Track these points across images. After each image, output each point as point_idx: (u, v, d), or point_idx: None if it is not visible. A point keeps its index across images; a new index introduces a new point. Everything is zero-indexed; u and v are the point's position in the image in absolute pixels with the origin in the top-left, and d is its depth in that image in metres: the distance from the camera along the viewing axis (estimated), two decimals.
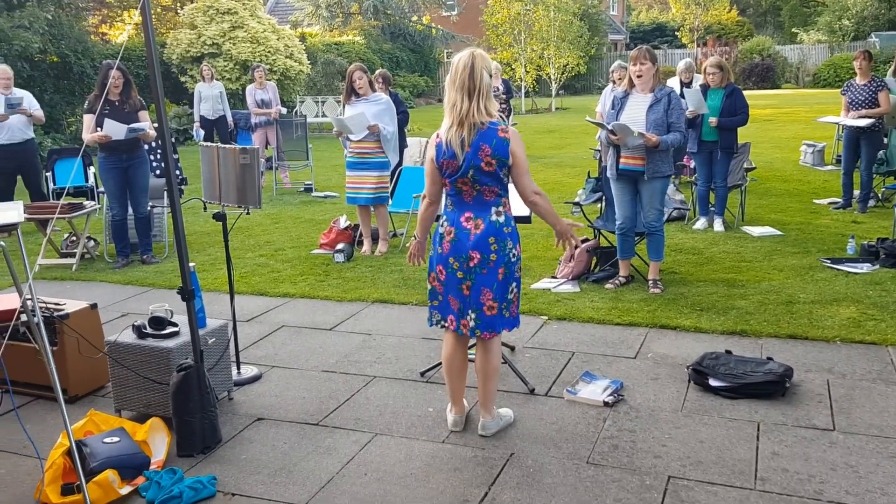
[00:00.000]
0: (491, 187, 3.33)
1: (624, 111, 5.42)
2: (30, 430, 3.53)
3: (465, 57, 3.26)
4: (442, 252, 3.42)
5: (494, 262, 3.34)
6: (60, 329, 4.00)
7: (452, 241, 3.38)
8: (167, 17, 24.08)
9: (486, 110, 3.27)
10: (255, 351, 4.75)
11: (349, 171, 6.95)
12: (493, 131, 3.27)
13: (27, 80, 14.66)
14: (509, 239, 3.37)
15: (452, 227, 3.39)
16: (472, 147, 3.26)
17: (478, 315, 3.38)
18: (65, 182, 8.85)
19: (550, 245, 7.05)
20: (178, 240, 3.53)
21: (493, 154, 3.25)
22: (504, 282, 3.38)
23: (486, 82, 3.24)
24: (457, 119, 3.27)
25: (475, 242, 3.33)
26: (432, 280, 3.52)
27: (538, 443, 3.48)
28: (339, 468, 3.33)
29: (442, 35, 31.03)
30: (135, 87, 6.83)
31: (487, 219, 3.34)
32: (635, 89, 5.44)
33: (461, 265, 3.37)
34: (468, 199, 3.37)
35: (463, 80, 3.24)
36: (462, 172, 3.30)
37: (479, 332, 3.42)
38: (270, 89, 11.33)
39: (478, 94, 3.23)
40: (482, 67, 3.23)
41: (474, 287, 3.37)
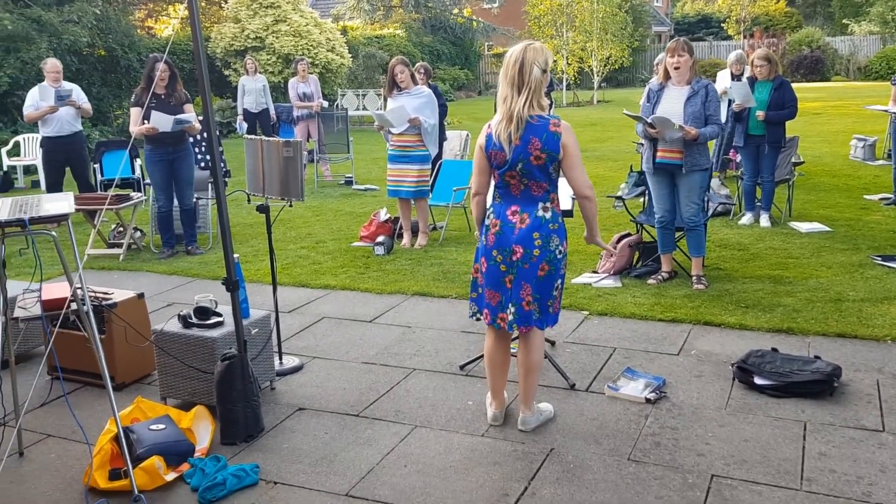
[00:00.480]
0: (539, 182, 3.31)
1: (660, 104, 5.34)
2: (79, 416, 3.62)
3: (517, 51, 3.24)
4: (486, 244, 3.42)
5: (537, 257, 3.32)
6: (109, 318, 4.09)
7: (497, 233, 3.37)
8: (212, 11, 24.39)
9: (536, 105, 3.25)
10: (296, 342, 4.80)
11: (390, 164, 6.97)
12: (545, 125, 3.25)
13: (76, 73, 14.99)
14: (555, 235, 3.35)
15: (498, 219, 3.39)
16: (522, 140, 3.24)
17: (516, 309, 3.38)
18: (112, 174, 9.04)
19: None
20: (223, 231, 3.58)
21: (543, 148, 3.23)
22: (548, 278, 3.35)
23: (536, 77, 3.21)
24: (506, 114, 3.26)
25: (519, 237, 3.32)
26: (475, 271, 3.52)
27: (578, 438, 3.46)
28: (379, 459, 3.35)
29: (483, 27, 30.91)
30: (180, 80, 6.93)
31: (533, 214, 3.32)
32: (671, 81, 5.36)
33: (504, 258, 3.36)
34: (516, 193, 3.36)
35: (513, 74, 3.22)
36: (510, 165, 3.28)
37: (516, 327, 3.41)
38: (312, 83, 11.42)
39: (527, 90, 3.21)
40: (532, 61, 3.20)
41: (516, 281, 3.36)
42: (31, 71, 13.49)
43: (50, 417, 3.88)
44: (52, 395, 4.10)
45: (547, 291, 3.38)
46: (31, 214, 3.05)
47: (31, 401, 3.95)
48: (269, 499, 3.09)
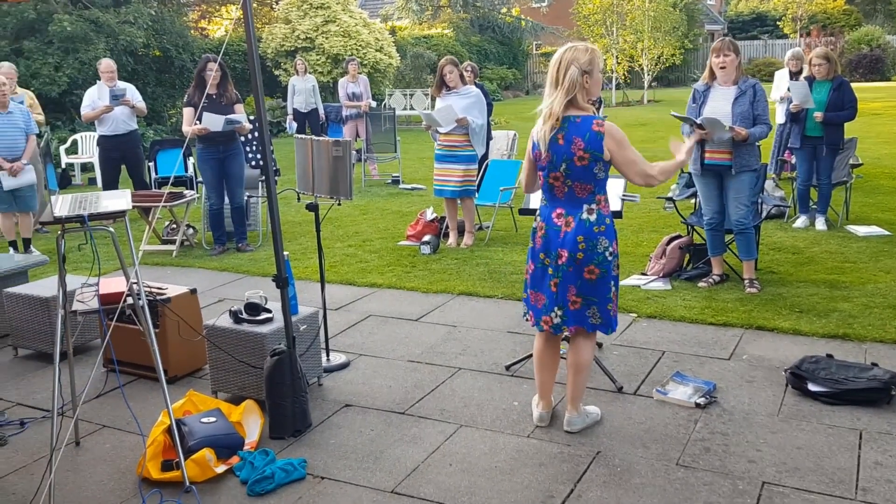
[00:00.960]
0: (583, 184, 3.28)
1: (707, 105, 5.24)
2: (133, 408, 3.72)
3: (559, 52, 3.26)
4: (535, 246, 3.42)
5: (581, 260, 3.30)
6: (163, 312, 4.19)
7: (543, 236, 3.37)
8: (263, 11, 24.79)
9: (575, 105, 3.23)
10: (343, 339, 4.85)
11: (437, 163, 6.98)
12: (588, 125, 3.22)
13: (131, 73, 15.36)
14: (602, 237, 3.31)
15: (544, 222, 3.38)
16: (566, 140, 3.23)
17: (564, 311, 3.35)
18: (166, 172, 9.24)
19: (640, 241, 6.90)
20: (274, 229, 3.63)
21: (586, 148, 3.21)
22: (601, 280, 3.32)
23: (572, 77, 3.18)
24: (545, 114, 3.26)
25: (564, 240, 3.31)
26: (527, 272, 3.52)
27: (626, 442, 3.42)
28: (425, 457, 3.36)
29: (531, 27, 30.77)
30: (231, 80, 7.06)
31: (578, 217, 3.30)
32: (716, 81, 5.26)
33: (551, 262, 3.35)
34: (560, 196, 3.34)
35: (552, 75, 3.24)
36: (554, 166, 3.27)
37: (565, 328, 3.39)
38: (362, 83, 11.52)
39: (563, 89, 3.20)
40: (571, 61, 3.19)
41: (562, 284, 3.34)
42: (89, 71, 13.88)
43: (105, 408, 3.99)
44: (107, 386, 4.21)
45: (604, 294, 3.34)
46: (90, 211, 3.13)
47: (88, 392, 4.06)
48: (316, 493, 3.12)
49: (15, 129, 6.99)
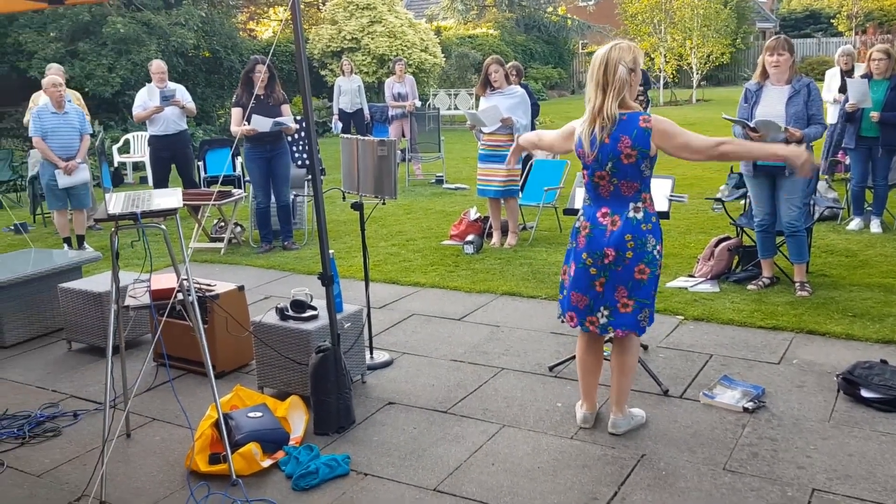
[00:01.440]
0: (630, 182, 3.24)
1: (759, 105, 5.12)
2: (182, 402, 3.80)
3: (602, 51, 3.20)
4: (577, 247, 3.37)
5: (630, 259, 3.26)
6: (211, 308, 4.27)
7: (588, 236, 3.32)
8: (310, 13, 25.07)
9: (623, 104, 3.20)
10: (386, 337, 4.88)
11: (480, 163, 6.98)
12: (634, 121, 3.18)
13: (181, 74, 15.68)
14: (650, 236, 3.27)
15: (588, 222, 3.34)
16: (612, 138, 3.19)
17: (612, 312, 3.32)
18: (215, 171, 9.42)
19: (688, 242, 6.80)
20: (319, 228, 3.67)
21: (633, 145, 3.17)
22: (650, 280, 3.29)
23: (621, 77, 3.15)
24: (590, 114, 3.23)
25: (611, 239, 3.26)
26: (564, 273, 3.49)
27: (671, 445, 3.37)
28: (467, 456, 3.36)
29: (577, 25, 30.53)
30: (278, 81, 7.15)
31: (624, 215, 3.26)
32: (769, 81, 5.14)
33: (595, 261, 3.31)
34: (605, 195, 3.30)
35: (598, 75, 3.18)
36: (600, 164, 3.24)
37: (611, 329, 3.35)
38: (408, 83, 11.57)
39: (612, 90, 3.16)
40: (617, 61, 3.15)
41: (608, 284, 3.30)
42: (141, 72, 14.21)
43: (155, 402, 4.08)
44: (157, 380, 4.31)
45: (647, 294, 3.31)
46: (142, 208, 3.21)
47: (139, 386, 4.16)
48: (359, 489, 3.15)
49: (70, 128, 7.19)
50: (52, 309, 5.19)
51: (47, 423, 3.87)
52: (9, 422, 3.89)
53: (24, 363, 4.76)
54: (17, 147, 12.69)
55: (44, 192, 7.55)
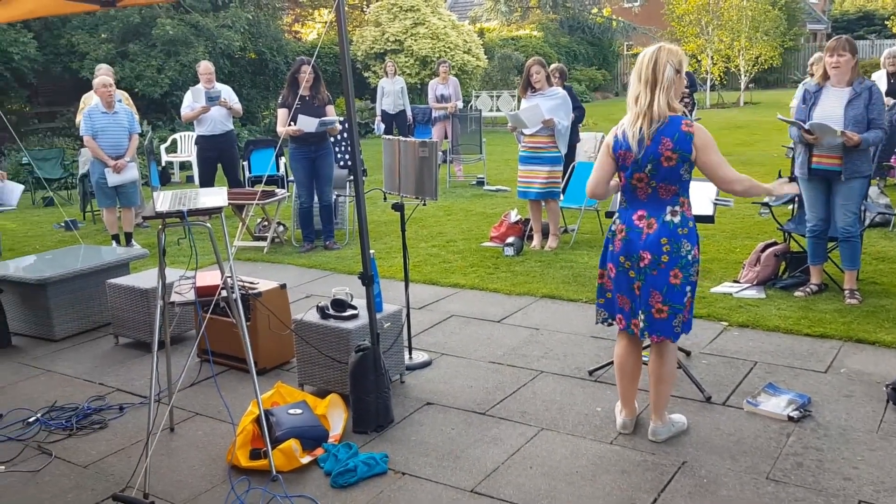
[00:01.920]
0: (668, 185, 3.21)
1: (818, 106, 4.99)
2: (224, 397, 3.86)
3: (651, 51, 3.20)
4: (613, 250, 3.36)
5: (666, 263, 3.22)
6: (254, 306, 4.33)
7: (624, 239, 3.30)
8: (354, 15, 25.31)
9: (669, 105, 3.17)
10: (425, 338, 4.89)
11: (521, 165, 6.96)
12: (677, 125, 3.16)
13: (228, 75, 15.94)
14: (685, 240, 3.23)
15: (624, 224, 3.32)
16: (653, 141, 3.17)
17: (646, 317, 3.29)
18: (259, 171, 9.54)
19: (733, 247, 6.68)
20: (361, 228, 3.69)
21: (674, 148, 3.14)
22: (678, 285, 3.24)
23: (669, 76, 3.14)
24: (638, 113, 3.20)
25: (647, 242, 3.24)
26: (601, 276, 3.47)
27: (713, 453, 3.32)
28: (505, 459, 3.35)
29: (622, 27, 30.27)
30: (323, 82, 7.22)
31: (661, 218, 3.23)
32: (829, 82, 5.01)
33: (632, 265, 3.29)
34: (642, 197, 3.28)
35: (647, 74, 3.17)
36: (639, 166, 3.21)
37: (647, 335, 3.32)
38: (452, 85, 11.60)
39: (660, 88, 3.15)
40: (667, 61, 3.14)
41: (644, 288, 3.27)
42: (189, 73, 14.49)
43: (199, 397, 4.15)
44: (201, 376, 4.38)
45: (681, 300, 3.27)
46: (189, 207, 3.27)
47: (183, 381, 4.23)
48: (396, 488, 3.16)
49: (120, 128, 7.36)
50: (101, 304, 5.32)
51: (94, 416, 3.96)
52: (58, 413, 4.00)
53: (72, 357, 4.88)
54: (68, 146, 13.03)
55: (94, 189, 7.74)
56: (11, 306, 5.20)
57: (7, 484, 3.33)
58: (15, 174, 11.89)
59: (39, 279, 5.04)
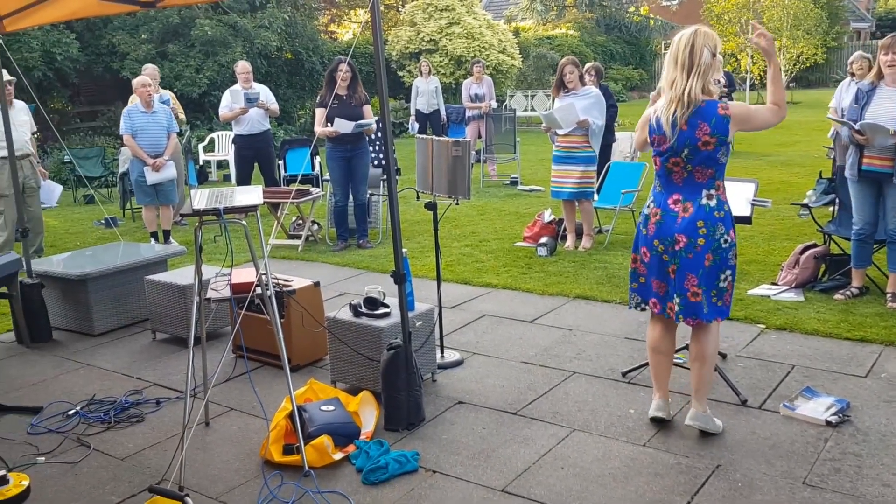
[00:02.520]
0: (704, 169, 3.20)
1: (870, 106, 4.87)
2: (258, 393, 3.90)
3: (687, 33, 3.19)
4: (647, 234, 3.35)
5: (702, 246, 3.21)
6: (288, 303, 4.37)
7: (658, 223, 3.30)
8: (389, 15, 25.40)
9: (705, 88, 3.15)
10: (457, 337, 4.89)
11: (555, 164, 6.92)
12: (713, 108, 3.15)
13: (265, 75, 16.10)
14: (721, 223, 3.22)
15: (659, 208, 3.31)
16: (690, 125, 3.16)
17: (681, 300, 3.28)
18: (294, 170, 9.63)
19: (772, 249, 6.58)
20: (394, 227, 3.71)
21: (712, 132, 3.14)
22: (713, 268, 3.24)
23: (706, 60, 3.14)
24: (674, 96, 3.18)
25: (682, 226, 3.23)
26: (635, 261, 3.45)
27: (748, 457, 3.27)
28: (536, 459, 3.34)
29: (660, 25, 29.91)
30: (361, 81, 7.26)
31: (697, 202, 3.23)
32: (884, 81, 4.88)
33: (666, 248, 3.28)
34: (678, 181, 3.27)
35: (683, 57, 3.16)
36: (675, 151, 3.20)
37: (682, 318, 3.31)
38: (486, 84, 11.58)
39: (696, 72, 3.14)
40: (703, 45, 3.13)
41: (679, 271, 3.27)
42: (227, 73, 14.67)
43: (233, 392, 4.20)
44: (235, 371, 4.44)
45: (712, 282, 3.25)
46: (225, 205, 3.31)
47: (218, 376, 4.29)
48: (427, 486, 3.17)
49: (158, 127, 7.48)
50: (139, 300, 5.41)
51: (132, 410, 4.03)
52: (96, 407, 4.08)
53: (111, 351, 4.98)
54: (109, 145, 13.28)
55: (133, 188, 7.88)
56: (53, 301, 5.32)
57: (47, 475, 3.41)
58: (57, 172, 12.17)
59: (80, 275, 5.15)
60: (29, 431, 3.84)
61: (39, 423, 3.92)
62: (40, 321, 5.18)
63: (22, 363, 4.84)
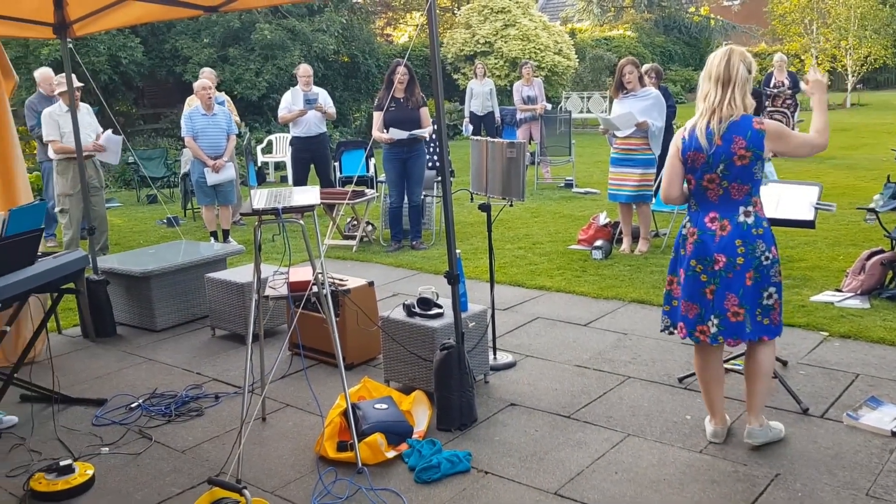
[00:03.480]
0: (740, 185, 3.14)
1: None
2: (313, 390, 3.96)
3: (721, 52, 3.20)
4: (685, 254, 3.28)
5: (741, 265, 3.14)
6: (343, 302, 4.42)
7: (696, 242, 3.23)
8: (445, 17, 25.47)
9: (742, 103, 3.11)
10: (510, 339, 4.88)
11: (612, 167, 6.85)
12: (748, 122, 3.11)
13: (322, 78, 16.32)
14: (760, 241, 3.15)
15: (696, 227, 3.25)
16: (725, 140, 3.11)
17: (721, 321, 3.19)
18: (349, 171, 9.75)
19: (836, 255, 6.38)
20: (448, 227, 3.72)
21: (748, 146, 3.08)
22: (755, 286, 3.16)
23: (742, 75, 3.11)
24: (708, 109, 3.16)
25: (720, 245, 3.16)
26: (670, 283, 3.40)
27: (809, 466, 3.18)
28: (589, 463, 3.31)
29: (721, 26, 29.29)
30: (418, 83, 7.30)
31: (734, 220, 3.16)
32: None
33: (705, 268, 3.21)
34: (713, 199, 3.20)
35: (718, 71, 3.14)
36: (710, 167, 3.14)
37: (721, 339, 3.22)
38: (537, 86, 11.53)
39: (732, 86, 3.11)
40: (740, 60, 3.12)
41: (718, 291, 3.19)
42: (285, 76, 14.93)
43: (289, 389, 4.27)
44: (291, 368, 4.51)
45: (755, 301, 3.17)
46: (283, 204, 3.38)
47: (275, 373, 4.37)
48: (479, 487, 3.17)
49: (218, 129, 7.66)
50: (199, 297, 5.55)
51: (191, 404, 4.14)
52: (158, 400, 4.20)
53: (172, 347, 5.12)
54: (171, 146, 13.64)
55: (194, 188, 8.08)
56: (117, 297, 5.49)
57: (111, 465, 3.52)
58: (121, 173, 12.56)
59: (143, 272, 5.31)
60: (94, 423, 3.97)
61: (103, 414, 4.06)
62: (105, 316, 5.35)
63: (87, 357, 5.01)
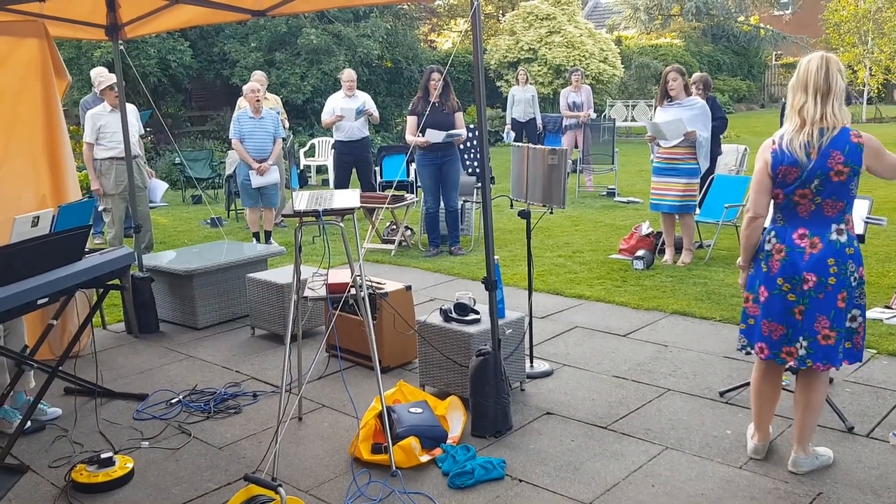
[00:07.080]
0: (835, 201, 2.99)
1: None
2: (350, 392, 3.97)
3: (817, 58, 3.01)
4: (769, 272, 3.12)
5: (833, 286, 2.99)
6: (380, 305, 4.44)
7: (783, 259, 3.07)
8: (489, 24, 25.49)
9: (840, 115, 2.98)
10: (547, 347, 4.84)
11: (655, 176, 6.76)
12: (846, 136, 2.96)
13: (365, 83, 16.46)
14: (851, 261, 3.01)
15: (783, 244, 3.08)
16: (821, 154, 2.96)
17: (810, 343, 3.05)
18: (390, 176, 9.79)
19: (886, 270, 6.21)
20: (486, 233, 3.71)
21: (846, 161, 2.94)
22: (844, 309, 3.02)
23: (840, 86, 2.97)
24: (807, 121, 2.99)
25: (811, 263, 3.01)
26: (747, 300, 3.24)
27: (852, 486, 3.09)
28: (626, 475, 3.26)
29: (771, 36, 28.79)
30: (453, 90, 7.32)
31: (826, 237, 3.01)
32: None
33: (793, 287, 3.05)
34: (804, 214, 3.05)
35: (817, 81, 2.97)
36: (804, 182, 3.00)
37: (810, 363, 3.07)
38: (585, 93, 11.46)
39: (832, 97, 2.96)
40: (837, 70, 2.98)
41: (808, 312, 3.04)
42: (329, 81, 15.08)
43: (325, 390, 4.30)
44: (328, 370, 4.54)
45: (843, 324, 3.03)
46: (324, 206, 3.40)
47: (312, 373, 4.40)
48: (513, 494, 3.14)
49: (265, 133, 7.76)
50: (240, 296, 5.62)
51: (230, 401, 4.19)
52: (197, 397, 4.26)
53: (213, 344, 5.19)
54: (217, 148, 13.88)
55: (238, 190, 8.20)
56: (160, 295, 5.59)
57: (150, 459, 3.58)
58: (168, 173, 12.80)
59: (186, 270, 5.40)
60: (134, 417, 4.04)
61: (144, 409, 4.13)
62: (149, 313, 5.45)
63: (130, 352, 5.11)
